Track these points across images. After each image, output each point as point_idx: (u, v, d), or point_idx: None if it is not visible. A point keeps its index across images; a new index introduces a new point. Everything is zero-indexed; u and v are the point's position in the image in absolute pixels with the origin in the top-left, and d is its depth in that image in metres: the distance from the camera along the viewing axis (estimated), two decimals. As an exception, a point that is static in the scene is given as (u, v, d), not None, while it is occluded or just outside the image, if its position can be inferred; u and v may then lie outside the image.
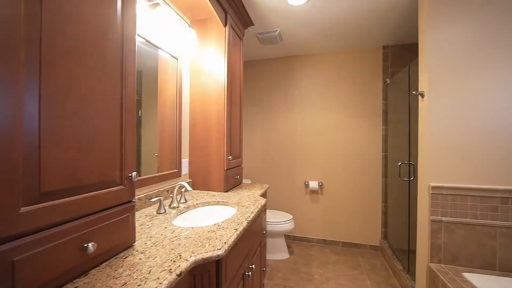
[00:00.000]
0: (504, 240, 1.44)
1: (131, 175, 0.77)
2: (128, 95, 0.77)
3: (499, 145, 1.45)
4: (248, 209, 1.27)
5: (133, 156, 0.79)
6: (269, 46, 2.68)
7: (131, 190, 0.78)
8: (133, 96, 0.80)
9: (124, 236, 0.75)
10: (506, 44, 1.44)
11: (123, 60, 0.75)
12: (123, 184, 0.75)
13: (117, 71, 0.73)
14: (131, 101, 0.79)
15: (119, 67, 0.74)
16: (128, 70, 0.77)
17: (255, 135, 3.08)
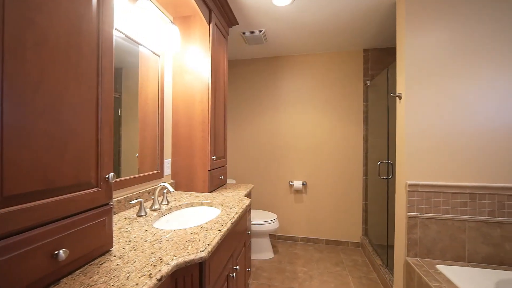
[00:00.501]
0: (472, 234, 1.55)
1: (108, 176, 0.73)
2: (105, 92, 0.73)
3: (468, 144, 1.56)
4: (232, 209, 1.26)
5: (110, 156, 0.75)
6: (254, 46, 2.68)
7: (108, 192, 0.74)
8: (110, 93, 0.76)
9: (100, 241, 0.71)
10: (477, 50, 1.54)
11: (100, 55, 0.71)
12: (99, 186, 0.71)
13: (93, 67, 0.69)
14: (108, 99, 0.75)
15: (95, 63, 0.70)
16: (105, 66, 0.73)
17: (240, 135, 3.07)
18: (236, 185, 2.01)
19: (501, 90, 1.52)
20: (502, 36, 1.51)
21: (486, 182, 1.53)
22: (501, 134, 1.52)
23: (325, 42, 2.55)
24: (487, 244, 1.54)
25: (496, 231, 1.52)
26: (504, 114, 1.51)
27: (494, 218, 1.52)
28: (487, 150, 1.53)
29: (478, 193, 1.54)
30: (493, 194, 1.52)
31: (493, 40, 1.52)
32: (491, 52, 1.53)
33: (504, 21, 1.51)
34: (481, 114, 1.54)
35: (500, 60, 1.52)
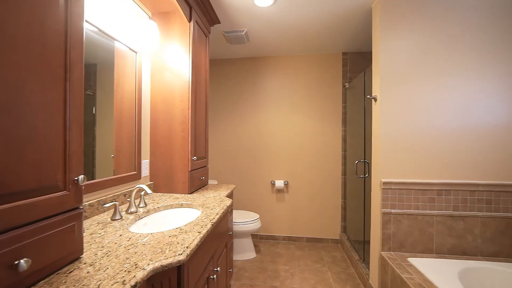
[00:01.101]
0: (439, 227, 1.67)
1: (78, 178, 0.69)
2: (73, 89, 0.69)
3: (435, 144, 1.67)
4: (213, 210, 1.24)
5: (80, 157, 0.70)
6: (236, 46, 2.66)
7: (78, 196, 0.70)
8: (80, 90, 0.71)
9: (68, 248, 0.66)
10: (446, 55, 1.66)
11: (68, 49, 0.67)
12: (67, 189, 0.66)
13: (59, 62, 0.64)
14: (78, 96, 0.71)
15: (62, 57, 0.65)
16: (74, 60, 0.69)
17: (222, 135, 3.04)
18: (217, 186, 1.99)
19: (463, 94, 1.65)
20: (464, 45, 1.64)
21: (451, 179, 1.66)
22: (463, 134, 1.65)
23: (306, 44, 2.60)
24: (451, 236, 1.66)
25: (459, 224, 1.65)
26: (466, 116, 1.64)
27: (457, 212, 1.65)
28: (451, 150, 1.66)
29: (444, 190, 1.66)
30: (457, 190, 1.65)
31: (457, 48, 1.65)
32: (455, 58, 1.65)
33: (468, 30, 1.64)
34: (446, 116, 1.66)
35: (463, 66, 1.65)
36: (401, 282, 1.43)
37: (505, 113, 1.62)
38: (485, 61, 1.63)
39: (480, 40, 1.63)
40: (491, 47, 1.62)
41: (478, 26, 1.63)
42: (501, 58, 1.62)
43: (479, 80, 1.63)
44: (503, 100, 1.62)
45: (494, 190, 1.62)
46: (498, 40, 1.62)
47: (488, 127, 1.63)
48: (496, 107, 1.62)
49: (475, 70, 1.64)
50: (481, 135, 1.63)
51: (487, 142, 1.63)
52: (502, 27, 1.62)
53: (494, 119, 1.63)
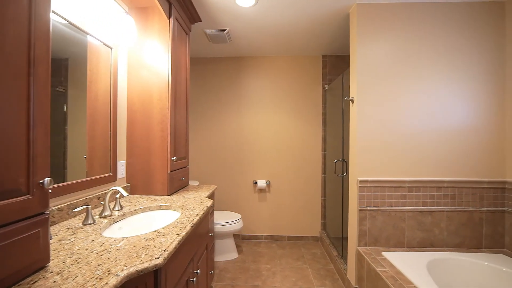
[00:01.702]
0: (410, 222, 1.78)
1: (43, 181, 0.64)
2: (38, 85, 0.64)
3: (407, 144, 1.78)
4: (193, 212, 1.22)
5: (46, 159, 0.66)
6: (218, 45, 2.64)
7: (43, 200, 0.65)
8: (46, 87, 0.67)
9: (32, 256, 0.62)
10: (417, 60, 1.77)
11: (32, 41, 0.62)
12: (30, 193, 0.61)
13: (21, 55, 0.60)
14: (44, 93, 0.66)
15: (24, 50, 0.60)
16: (39, 54, 0.64)
17: (204, 135, 2.99)
18: (198, 187, 1.96)
19: (431, 97, 1.77)
20: (434, 51, 1.77)
21: (420, 176, 1.77)
22: (431, 135, 1.77)
23: (288, 46, 2.64)
24: (421, 230, 1.78)
25: (427, 219, 1.77)
26: (434, 118, 1.77)
27: (426, 208, 1.77)
28: (421, 149, 1.77)
29: (414, 186, 1.77)
30: (425, 187, 1.77)
31: (427, 54, 1.77)
32: (425, 64, 1.77)
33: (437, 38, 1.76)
34: (417, 118, 1.77)
35: (432, 71, 1.77)
36: (376, 275, 1.50)
37: (467, 116, 1.76)
38: (452, 67, 1.76)
39: (448, 47, 1.76)
40: (457, 54, 1.76)
41: (446, 34, 1.76)
42: (466, 64, 1.76)
43: (446, 85, 1.76)
44: (466, 104, 1.76)
45: (457, 186, 1.76)
46: (463, 48, 1.76)
47: (452, 128, 1.77)
48: (459, 110, 1.76)
49: (442, 75, 1.76)
50: (447, 135, 1.77)
51: (451, 142, 1.77)
52: (466, 36, 1.76)
53: (457, 121, 1.76)
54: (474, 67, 1.76)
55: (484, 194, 1.75)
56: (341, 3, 1.81)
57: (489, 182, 1.74)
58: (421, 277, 1.37)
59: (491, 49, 1.75)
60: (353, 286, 1.81)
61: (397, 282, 1.36)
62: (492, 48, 1.75)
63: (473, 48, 1.76)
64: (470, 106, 1.76)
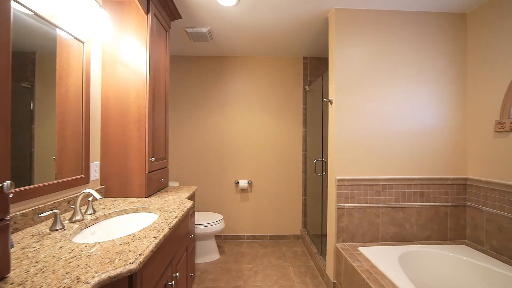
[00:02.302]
0: (383, 218, 1.87)
1: (2, 185, 0.59)
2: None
3: (381, 144, 1.87)
4: (172, 213, 1.19)
5: (5, 160, 0.61)
6: (200, 43, 2.59)
7: (3, 205, 0.60)
8: (6, 82, 0.61)
9: (-10, 266, 0.57)
10: (390, 66, 1.87)
11: (-12, 34, 0.57)
12: (-13, 198, 0.56)
13: (-24, 48, 0.55)
14: (3, 89, 0.61)
15: (-20, 43, 0.55)
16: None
17: (185, 135, 2.92)
18: (178, 188, 1.91)
19: (403, 100, 1.88)
20: (405, 58, 1.88)
21: (393, 175, 1.88)
22: (402, 135, 1.88)
23: (270, 47, 2.67)
24: (393, 225, 1.88)
25: (399, 214, 1.88)
26: (405, 119, 1.88)
27: (398, 204, 1.88)
28: (394, 149, 1.88)
29: (388, 184, 1.87)
30: (397, 184, 1.88)
31: (399, 60, 1.88)
32: (397, 69, 1.88)
33: (408, 45, 1.88)
34: (390, 119, 1.88)
35: (403, 76, 1.88)
36: (352, 269, 1.57)
37: (434, 118, 1.90)
38: (420, 73, 1.89)
39: (417, 54, 1.88)
40: (425, 61, 1.89)
41: (416, 42, 1.88)
42: (432, 70, 1.89)
43: (416, 89, 1.88)
44: (433, 107, 1.89)
45: (426, 183, 1.88)
46: (430, 55, 1.89)
47: (421, 129, 1.89)
48: (427, 112, 1.89)
49: (412, 80, 1.88)
50: (416, 136, 1.89)
51: (420, 142, 1.89)
52: (433, 44, 1.89)
53: (425, 123, 1.89)
54: (440, 73, 1.89)
55: (449, 190, 1.89)
56: (320, 8, 1.86)
57: (453, 179, 1.89)
58: (393, 270, 1.45)
59: (454, 57, 1.90)
60: (332, 281, 1.87)
61: (371, 275, 1.43)
62: (455, 57, 1.90)
63: (439, 55, 1.89)
64: (436, 109, 1.90)
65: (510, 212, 1.56)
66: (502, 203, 1.61)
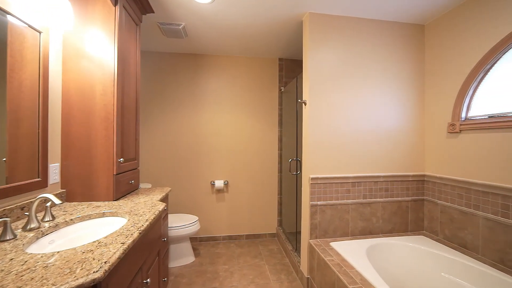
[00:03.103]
0: (353, 214, 1.99)
1: None
2: None
3: (351, 144, 1.98)
4: (142, 217, 1.14)
5: None
6: (174, 40, 2.51)
7: None
8: None
9: None
10: (359, 70, 1.98)
11: None
12: None
13: None
14: None
15: None
16: None
17: (158, 135, 2.80)
18: (150, 190, 1.83)
19: (370, 103, 2.01)
20: (372, 63, 2.01)
21: (361, 172, 2.00)
22: (369, 135, 2.01)
23: (246, 46, 2.67)
24: (362, 220, 2.00)
25: (367, 210, 2.01)
26: (372, 121, 2.01)
27: (366, 200, 2.00)
28: (362, 148, 2.00)
29: (357, 182, 1.98)
30: (365, 182, 2.00)
31: (367, 64, 2.00)
32: (366, 73, 1.99)
33: (376, 50, 2.00)
34: (359, 120, 1.99)
35: (371, 80, 2.00)
36: (324, 264, 1.64)
37: (396, 119, 2.05)
38: (385, 78, 2.03)
39: (382, 60, 2.02)
40: (389, 67, 2.03)
41: (382, 48, 2.02)
42: (395, 75, 2.05)
43: (381, 92, 2.02)
44: (396, 109, 2.05)
45: (390, 180, 2.04)
46: (393, 61, 2.04)
47: (385, 130, 2.03)
48: (391, 114, 2.04)
49: (378, 84, 2.02)
50: (382, 136, 2.03)
51: (385, 142, 2.03)
52: (396, 51, 2.04)
53: (389, 124, 2.04)
54: (402, 79, 2.06)
55: (410, 186, 2.07)
56: (295, 11, 1.90)
57: (413, 175, 2.07)
58: (361, 262, 1.55)
59: (414, 65, 2.08)
60: (306, 276, 1.94)
61: (342, 268, 1.51)
62: (415, 64, 2.08)
63: (401, 62, 2.05)
64: (399, 112, 2.06)
65: (460, 204, 1.75)
66: (453, 197, 1.81)
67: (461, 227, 1.74)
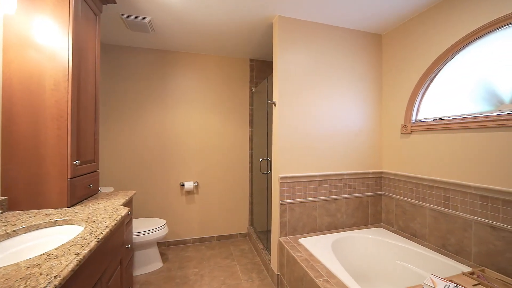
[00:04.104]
0: (320, 210, 2.09)
1: None
2: None
3: (318, 144, 2.08)
4: (101, 224, 1.05)
5: None
6: (140, 34, 2.36)
7: None
8: None
9: None
10: (326, 73, 2.08)
11: None
12: None
13: None
14: None
15: None
16: None
17: (122, 135, 2.61)
18: (112, 194, 1.70)
19: (336, 105, 2.13)
20: (338, 67, 2.13)
21: (328, 171, 2.11)
22: (335, 136, 2.13)
23: (217, 45, 2.63)
24: (328, 216, 2.12)
25: (332, 206, 2.13)
26: (337, 122, 2.13)
27: (331, 197, 2.12)
28: (328, 148, 2.11)
29: (323, 180, 2.09)
30: (331, 180, 2.12)
31: (333, 68, 2.11)
32: (332, 77, 2.11)
33: (340, 55, 2.13)
34: (326, 122, 2.10)
35: (337, 84, 2.13)
36: (293, 260, 1.69)
37: (358, 121, 2.21)
38: (348, 82, 2.17)
39: (346, 65, 2.16)
40: (352, 72, 2.18)
41: (346, 54, 2.15)
42: (357, 80, 2.20)
43: (345, 96, 2.16)
44: (357, 112, 2.21)
45: (353, 177, 2.19)
46: (355, 67, 2.19)
47: (349, 131, 2.18)
48: (353, 116, 2.19)
49: (342, 87, 2.15)
50: (345, 136, 2.17)
51: (348, 142, 2.18)
52: (358, 57, 2.20)
53: (352, 125, 2.19)
54: (363, 83, 2.22)
55: (369, 183, 2.24)
56: (265, 12, 1.93)
57: (373, 173, 2.25)
58: (327, 256, 1.64)
59: (374, 71, 2.26)
60: (276, 273, 1.98)
61: (309, 263, 1.58)
62: (374, 71, 2.26)
63: (363, 68, 2.22)
64: (361, 114, 2.22)
65: (411, 198, 1.96)
66: (405, 191, 2.01)
67: (412, 218, 1.95)
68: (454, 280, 1.27)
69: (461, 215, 1.59)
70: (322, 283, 1.37)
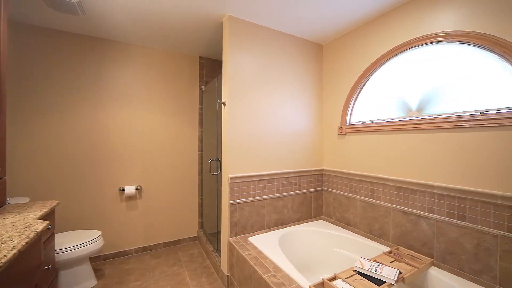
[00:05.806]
0: (268, 208, 2.17)
1: None
2: None
3: (266, 144, 2.15)
4: (6, 244, 0.85)
5: None
6: (68, 16, 2.01)
7: None
8: None
9: None
10: (274, 75, 2.16)
11: None
12: None
13: None
14: None
15: None
16: None
17: (44, 135, 2.18)
18: (26, 206, 1.41)
19: (283, 107, 2.24)
20: (288, 71, 2.25)
21: (275, 170, 2.21)
22: (282, 137, 2.25)
23: (164, 38, 2.45)
24: (275, 213, 2.22)
25: (280, 203, 2.24)
26: (284, 124, 2.25)
27: (278, 194, 2.23)
28: (276, 148, 2.21)
29: (271, 178, 2.18)
30: (278, 178, 2.22)
31: (280, 71, 2.22)
32: (278, 78, 2.21)
33: (286, 60, 2.25)
34: (274, 123, 2.19)
35: (286, 87, 2.24)
36: (243, 259, 1.71)
37: (303, 123, 2.38)
38: (293, 86, 2.31)
39: (291, 70, 2.30)
40: (296, 76, 2.33)
41: (291, 59, 2.28)
42: (301, 84, 2.37)
43: (291, 98, 2.30)
44: (302, 114, 2.38)
45: (298, 175, 2.34)
46: (299, 72, 2.36)
47: (294, 132, 2.33)
48: (299, 118, 2.35)
49: (288, 90, 2.28)
50: (291, 137, 2.31)
51: (294, 142, 2.33)
52: (303, 63, 2.37)
53: (298, 126, 2.35)
54: (308, 87, 2.41)
55: (312, 179, 2.45)
56: (216, 10, 1.90)
57: (315, 170, 2.46)
58: (274, 252, 1.71)
59: (317, 77, 2.47)
60: (226, 274, 1.97)
61: (258, 260, 1.62)
62: (317, 77, 2.48)
63: (307, 74, 2.40)
64: (305, 115, 2.40)
65: (345, 191, 2.21)
66: (341, 186, 2.26)
67: (346, 209, 2.21)
68: (378, 260, 1.49)
69: (383, 204, 1.88)
70: (270, 278, 1.43)
